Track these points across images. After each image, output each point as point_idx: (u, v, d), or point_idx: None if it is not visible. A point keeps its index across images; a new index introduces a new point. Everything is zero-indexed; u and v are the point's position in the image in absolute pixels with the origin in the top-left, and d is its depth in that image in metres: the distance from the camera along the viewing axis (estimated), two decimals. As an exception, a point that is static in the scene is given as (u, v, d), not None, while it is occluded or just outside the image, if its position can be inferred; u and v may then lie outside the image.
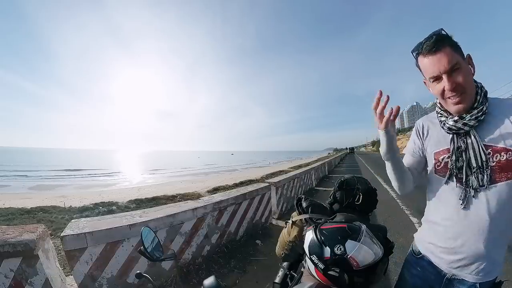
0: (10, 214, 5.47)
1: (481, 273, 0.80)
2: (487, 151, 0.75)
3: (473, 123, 0.77)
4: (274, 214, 4.60)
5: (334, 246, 0.80)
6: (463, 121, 0.78)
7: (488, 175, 0.74)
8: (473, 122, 0.77)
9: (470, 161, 0.77)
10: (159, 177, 22.85)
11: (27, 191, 13.78)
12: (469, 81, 0.76)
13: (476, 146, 0.76)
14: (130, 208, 6.66)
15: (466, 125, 0.78)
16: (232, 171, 28.69)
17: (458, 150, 0.80)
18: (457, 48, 0.75)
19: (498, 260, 0.81)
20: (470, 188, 0.77)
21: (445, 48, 0.73)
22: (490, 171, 0.74)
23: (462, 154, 0.79)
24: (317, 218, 1.31)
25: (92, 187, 15.56)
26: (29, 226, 1.67)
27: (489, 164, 0.74)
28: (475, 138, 0.77)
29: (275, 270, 1.51)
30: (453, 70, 0.74)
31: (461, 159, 0.79)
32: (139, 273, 0.91)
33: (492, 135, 0.76)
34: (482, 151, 0.75)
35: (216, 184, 11.77)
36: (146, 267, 2.11)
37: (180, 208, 2.60)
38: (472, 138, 0.77)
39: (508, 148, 0.72)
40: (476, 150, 0.76)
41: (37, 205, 6.56)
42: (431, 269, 0.91)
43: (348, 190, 1.43)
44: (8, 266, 1.43)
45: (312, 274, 0.90)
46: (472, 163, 0.77)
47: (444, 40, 0.74)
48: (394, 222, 3.97)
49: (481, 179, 0.75)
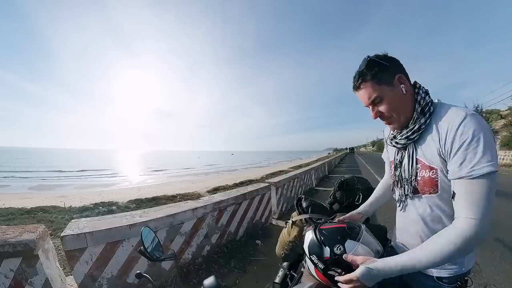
0: (10, 214, 5.47)
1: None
2: (417, 166, 0.82)
3: (403, 142, 0.84)
4: (274, 214, 4.60)
5: (334, 246, 0.80)
6: (395, 140, 0.88)
7: (411, 187, 0.84)
8: (403, 141, 0.84)
9: (403, 173, 0.87)
10: (159, 177, 22.85)
11: (27, 191, 13.77)
12: (395, 107, 0.80)
13: (407, 161, 0.85)
14: (130, 208, 6.67)
15: (398, 144, 0.88)
16: (232, 171, 28.69)
17: (397, 162, 0.92)
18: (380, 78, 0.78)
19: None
20: (404, 194, 0.88)
21: (366, 83, 0.80)
22: (416, 184, 0.83)
23: (400, 165, 0.89)
24: (317, 218, 1.31)
25: (92, 187, 15.56)
26: (29, 226, 1.67)
27: (417, 178, 0.82)
28: (409, 152, 0.85)
29: (275, 270, 1.51)
30: (374, 103, 0.81)
31: (399, 169, 0.90)
32: (139, 273, 0.91)
33: (424, 151, 0.80)
34: (411, 166, 0.83)
35: (216, 184, 11.77)
36: (146, 267, 2.11)
37: (180, 208, 2.60)
38: (408, 152, 0.85)
39: (432, 166, 0.77)
40: (407, 166, 0.85)
41: (37, 205, 6.57)
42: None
43: (348, 190, 1.44)
44: (8, 266, 1.43)
45: (312, 274, 0.90)
46: (403, 175, 0.87)
47: (366, 75, 0.79)
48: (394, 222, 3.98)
49: (406, 189, 0.86)
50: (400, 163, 0.89)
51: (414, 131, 0.80)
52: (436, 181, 0.77)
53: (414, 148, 0.83)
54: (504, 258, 2.71)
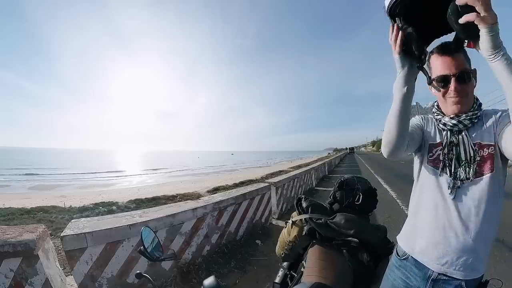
0: (10, 214, 5.47)
1: (468, 269, 0.80)
2: (475, 147, 0.82)
3: (467, 122, 0.84)
4: (274, 214, 4.60)
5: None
6: (458, 119, 0.85)
7: (474, 169, 0.81)
8: (467, 121, 0.84)
9: (460, 155, 0.84)
10: (159, 177, 22.85)
11: (27, 191, 13.77)
12: (471, 90, 0.83)
13: (467, 142, 0.83)
14: (130, 208, 6.66)
15: (461, 123, 0.84)
16: (232, 171, 28.69)
17: (450, 144, 0.87)
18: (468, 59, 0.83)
19: (483, 256, 0.82)
20: (458, 180, 0.83)
21: (460, 54, 0.81)
22: (476, 165, 0.81)
23: (453, 148, 0.86)
24: (317, 218, 1.31)
25: (92, 187, 15.56)
26: (29, 226, 1.67)
27: (476, 159, 0.81)
28: (466, 135, 0.84)
29: (275, 270, 1.51)
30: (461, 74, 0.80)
31: (452, 152, 0.86)
32: (139, 273, 0.91)
33: (479, 134, 0.84)
34: (471, 147, 0.82)
35: (216, 184, 11.77)
36: (146, 267, 2.11)
37: (180, 208, 2.60)
38: (464, 135, 0.84)
39: (490, 144, 0.80)
40: (466, 145, 0.83)
41: (37, 205, 6.56)
42: (416, 271, 0.89)
43: (348, 190, 1.43)
44: (8, 266, 1.43)
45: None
46: (461, 157, 0.84)
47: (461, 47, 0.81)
48: (394, 222, 3.99)
49: (467, 172, 0.81)
50: (456, 145, 0.85)
51: (477, 116, 0.84)
52: (493, 157, 0.79)
53: (467, 132, 0.85)
54: (504, 258, 2.71)
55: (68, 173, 26.28)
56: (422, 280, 0.87)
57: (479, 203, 0.79)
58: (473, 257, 0.80)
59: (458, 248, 0.80)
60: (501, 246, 3.02)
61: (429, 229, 0.87)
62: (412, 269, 0.91)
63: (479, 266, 0.82)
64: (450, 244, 0.82)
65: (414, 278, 0.90)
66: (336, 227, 1.23)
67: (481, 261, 0.82)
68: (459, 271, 0.81)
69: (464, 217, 0.80)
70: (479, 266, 0.81)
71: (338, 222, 1.24)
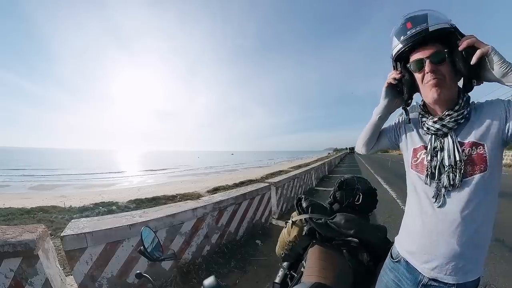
0: (10, 214, 5.47)
1: (460, 273, 0.78)
2: (461, 148, 0.77)
3: (451, 125, 0.78)
4: (274, 214, 4.60)
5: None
6: (442, 123, 0.80)
7: (460, 174, 0.75)
8: (451, 124, 0.78)
9: (444, 160, 0.79)
10: (159, 177, 22.85)
11: (27, 191, 13.77)
12: (448, 73, 0.77)
13: (451, 146, 0.78)
14: (130, 208, 6.66)
15: (445, 127, 0.79)
16: (232, 171, 28.69)
17: (434, 150, 0.82)
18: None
19: (476, 258, 0.79)
20: (441, 187, 0.79)
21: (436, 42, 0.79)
22: (465, 166, 0.76)
23: (437, 154, 0.81)
24: (317, 218, 1.31)
25: (92, 187, 15.56)
26: (29, 226, 1.67)
27: (462, 162, 0.76)
28: (452, 138, 0.79)
29: (275, 270, 1.51)
30: (435, 54, 0.77)
31: (436, 159, 0.81)
32: (139, 273, 0.91)
33: (470, 132, 0.78)
34: (457, 150, 0.77)
35: (216, 184, 11.77)
36: (146, 267, 2.11)
37: (180, 208, 2.60)
38: (449, 138, 0.79)
39: (478, 142, 0.75)
40: (451, 150, 0.78)
41: (37, 205, 6.56)
42: (407, 274, 0.87)
43: (348, 190, 1.43)
44: (8, 266, 1.43)
45: None
46: (444, 162, 0.79)
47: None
48: (394, 222, 3.99)
49: (452, 178, 0.77)
50: (440, 150, 0.80)
51: (463, 116, 0.77)
52: (485, 156, 0.74)
53: (454, 134, 0.79)
54: (504, 258, 2.71)
55: (68, 173, 26.28)
56: (413, 285, 0.85)
57: (468, 207, 0.75)
58: (464, 261, 0.77)
59: (446, 253, 0.78)
60: (501, 246, 3.02)
61: (417, 233, 0.85)
62: (403, 272, 0.89)
63: (473, 269, 0.78)
64: (438, 249, 0.79)
65: (405, 281, 0.87)
66: (336, 227, 1.23)
67: (475, 263, 0.78)
68: (450, 276, 0.78)
69: (451, 223, 0.77)
70: (472, 269, 0.78)
71: (338, 222, 1.24)
